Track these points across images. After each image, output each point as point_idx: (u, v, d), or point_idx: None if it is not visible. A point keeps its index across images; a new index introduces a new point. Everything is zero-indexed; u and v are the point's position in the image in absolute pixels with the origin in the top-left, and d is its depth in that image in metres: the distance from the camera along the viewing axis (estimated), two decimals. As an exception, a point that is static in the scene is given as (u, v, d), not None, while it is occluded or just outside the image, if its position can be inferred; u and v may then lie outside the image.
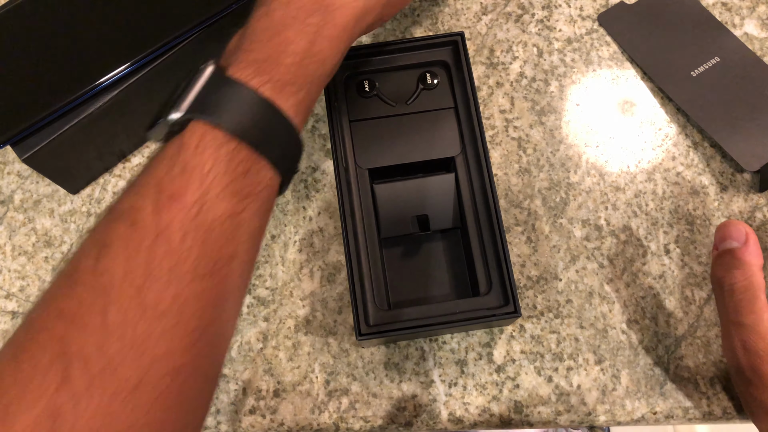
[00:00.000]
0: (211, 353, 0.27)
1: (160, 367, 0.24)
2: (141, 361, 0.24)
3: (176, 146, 0.27)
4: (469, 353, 0.42)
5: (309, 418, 0.41)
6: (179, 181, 0.26)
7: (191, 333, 0.25)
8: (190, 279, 0.25)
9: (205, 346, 0.26)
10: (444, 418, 0.41)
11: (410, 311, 0.37)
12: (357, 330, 0.36)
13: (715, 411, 0.41)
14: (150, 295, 0.24)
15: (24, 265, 0.45)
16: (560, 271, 0.44)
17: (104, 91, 0.41)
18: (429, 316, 0.37)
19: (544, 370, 0.42)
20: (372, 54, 0.42)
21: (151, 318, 0.24)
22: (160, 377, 0.24)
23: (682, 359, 0.42)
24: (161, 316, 0.24)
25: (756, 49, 0.49)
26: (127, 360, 0.23)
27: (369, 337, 0.36)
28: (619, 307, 0.43)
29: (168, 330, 0.24)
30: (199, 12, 0.42)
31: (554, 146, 0.47)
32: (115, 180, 0.47)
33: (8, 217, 0.47)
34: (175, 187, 0.26)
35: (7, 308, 0.44)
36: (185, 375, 0.25)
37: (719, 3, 0.50)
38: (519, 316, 0.37)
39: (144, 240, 0.25)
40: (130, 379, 0.23)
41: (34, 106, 0.40)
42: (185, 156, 0.26)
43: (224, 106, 0.27)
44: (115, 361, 0.23)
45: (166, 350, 0.24)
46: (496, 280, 0.38)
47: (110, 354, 0.23)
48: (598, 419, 0.41)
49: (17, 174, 0.48)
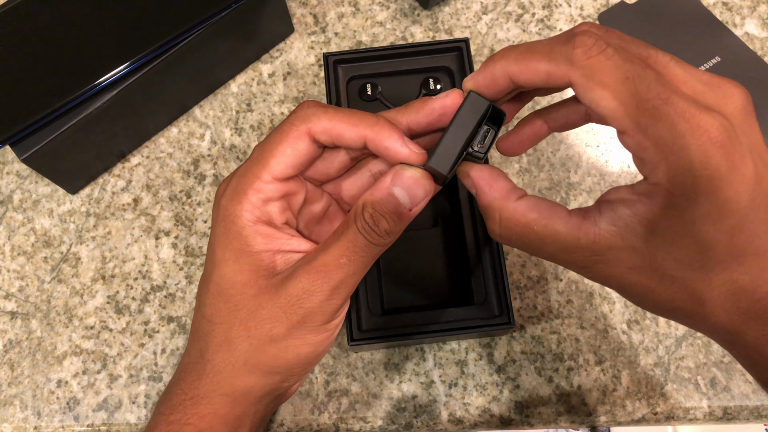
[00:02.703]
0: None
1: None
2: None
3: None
4: (470, 354, 0.42)
5: (309, 419, 0.41)
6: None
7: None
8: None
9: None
10: (444, 419, 0.41)
11: (403, 317, 0.37)
12: (349, 335, 0.36)
13: (716, 412, 0.41)
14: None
15: (23, 265, 0.45)
16: (561, 271, 0.44)
17: (104, 91, 0.41)
18: (422, 324, 0.37)
19: (545, 370, 0.42)
20: (375, 57, 0.42)
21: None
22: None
23: (682, 359, 0.41)
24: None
25: (757, 49, 0.49)
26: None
27: (360, 343, 0.36)
28: (620, 308, 0.43)
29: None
30: (199, 12, 0.42)
31: (555, 146, 0.47)
32: (115, 180, 0.47)
33: (7, 217, 0.46)
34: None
35: (6, 308, 0.44)
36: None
37: (720, 2, 0.50)
38: (513, 327, 0.37)
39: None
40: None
41: (34, 105, 0.40)
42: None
43: None
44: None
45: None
46: (491, 290, 0.38)
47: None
48: (598, 420, 0.41)
49: (16, 174, 0.48)
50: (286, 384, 0.31)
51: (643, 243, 0.25)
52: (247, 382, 0.30)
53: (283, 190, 0.30)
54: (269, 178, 0.29)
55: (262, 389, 0.30)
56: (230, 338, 0.29)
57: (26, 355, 0.43)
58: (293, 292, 0.28)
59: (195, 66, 0.45)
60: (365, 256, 0.28)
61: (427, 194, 0.28)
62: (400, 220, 0.28)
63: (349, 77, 0.42)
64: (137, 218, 0.46)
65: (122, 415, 0.42)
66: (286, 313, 0.28)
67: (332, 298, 0.28)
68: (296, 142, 0.29)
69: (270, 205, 0.29)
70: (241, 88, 0.49)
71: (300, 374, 0.31)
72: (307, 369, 0.31)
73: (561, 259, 0.27)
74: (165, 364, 0.42)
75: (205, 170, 0.47)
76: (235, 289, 0.29)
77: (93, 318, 0.44)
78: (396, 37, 0.50)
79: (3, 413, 0.42)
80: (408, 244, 0.41)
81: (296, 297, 0.28)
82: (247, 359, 0.29)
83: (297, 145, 0.29)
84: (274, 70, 0.50)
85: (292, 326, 0.28)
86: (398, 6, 0.51)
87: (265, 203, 0.29)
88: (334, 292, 0.28)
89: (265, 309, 0.28)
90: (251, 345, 0.29)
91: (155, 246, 0.45)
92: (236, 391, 0.30)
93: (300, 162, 0.29)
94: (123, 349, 0.43)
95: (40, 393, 0.42)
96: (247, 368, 0.29)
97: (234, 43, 0.46)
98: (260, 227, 0.29)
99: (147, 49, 0.41)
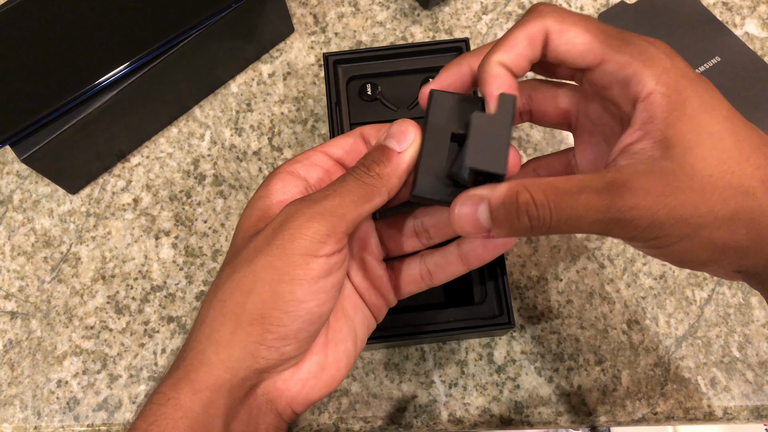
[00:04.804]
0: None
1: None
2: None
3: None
4: (470, 353, 0.42)
5: (309, 419, 0.41)
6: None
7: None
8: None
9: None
10: (444, 419, 0.41)
11: (403, 317, 0.37)
12: None
13: (716, 412, 0.41)
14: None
15: (23, 265, 0.45)
16: (561, 271, 0.44)
17: (104, 91, 0.41)
18: (422, 324, 0.37)
19: (545, 370, 0.42)
20: (375, 57, 0.42)
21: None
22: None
23: (682, 359, 0.41)
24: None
25: (757, 49, 0.49)
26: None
27: None
28: (620, 308, 0.43)
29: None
30: (199, 12, 0.42)
31: (555, 146, 0.47)
32: (114, 180, 0.47)
33: (7, 217, 0.46)
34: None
35: (6, 308, 0.44)
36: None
37: (720, 2, 0.50)
38: (512, 327, 0.37)
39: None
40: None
41: (34, 105, 0.40)
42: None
43: None
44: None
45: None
46: (491, 290, 0.38)
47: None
48: (598, 420, 0.41)
49: (16, 174, 0.48)
50: (264, 351, 0.27)
51: (667, 159, 0.25)
52: (223, 334, 0.27)
53: (327, 162, 0.32)
54: (321, 149, 0.32)
55: (238, 347, 0.27)
56: (218, 281, 0.29)
57: (26, 355, 0.43)
58: (278, 219, 0.28)
59: (195, 66, 0.45)
60: (351, 191, 0.28)
61: (415, 137, 0.29)
62: (389, 160, 0.29)
63: (349, 77, 0.42)
64: (137, 218, 0.46)
65: (122, 415, 0.42)
66: (268, 239, 0.28)
67: (312, 220, 0.27)
68: (349, 134, 0.32)
69: (310, 167, 0.31)
70: (241, 88, 0.49)
71: (277, 332, 0.27)
72: (285, 326, 0.27)
73: (591, 216, 0.25)
74: (165, 364, 0.42)
75: (205, 170, 0.47)
76: (240, 234, 0.30)
77: (93, 318, 0.44)
78: (396, 37, 0.50)
79: (3, 413, 0.42)
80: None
81: (278, 223, 0.28)
82: (226, 299, 0.28)
83: (351, 134, 0.32)
84: (274, 70, 0.50)
85: (272, 254, 0.27)
86: (398, 6, 0.51)
87: (307, 163, 0.31)
88: (316, 215, 0.27)
89: (252, 242, 0.28)
90: (232, 281, 0.28)
91: (155, 246, 0.45)
92: (210, 347, 0.27)
93: (351, 146, 0.32)
94: (123, 349, 0.43)
95: (40, 393, 0.42)
96: (224, 312, 0.28)
97: (234, 43, 0.46)
98: (287, 176, 0.31)
99: (147, 49, 0.41)
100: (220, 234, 0.45)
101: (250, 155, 0.47)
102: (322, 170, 0.31)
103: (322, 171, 0.31)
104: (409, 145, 0.29)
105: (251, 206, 0.31)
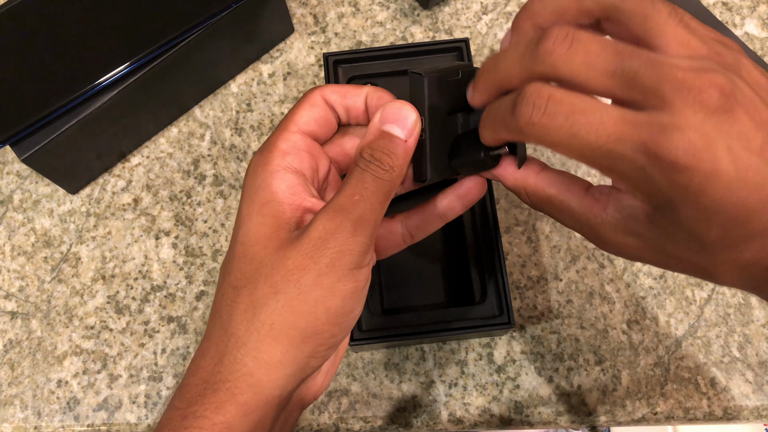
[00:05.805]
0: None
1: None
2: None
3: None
4: (470, 353, 0.42)
5: (309, 419, 0.41)
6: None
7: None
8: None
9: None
10: (444, 419, 0.41)
11: (403, 317, 0.37)
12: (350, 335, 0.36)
13: (716, 411, 0.41)
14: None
15: (23, 265, 0.45)
16: (561, 271, 0.44)
17: (104, 90, 0.41)
18: (422, 324, 0.37)
19: (545, 370, 0.42)
20: (375, 57, 0.42)
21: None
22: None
23: (682, 359, 0.41)
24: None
25: (757, 49, 0.49)
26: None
27: (361, 343, 0.36)
28: (620, 308, 0.43)
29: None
30: (199, 12, 0.42)
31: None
32: (115, 180, 0.47)
33: (7, 217, 0.46)
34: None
35: (6, 308, 0.44)
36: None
37: (720, 2, 0.50)
38: (512, 326, 0.37)
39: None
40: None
41: (34, 105, 0.40)
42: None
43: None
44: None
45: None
46: (491, 289, 0.38)
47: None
48: (598, 420, 0.41)
49: (16, 174, 0.48)
50: (313, 362, 0.29)
51: (646, 230, 0.26)
52: (273, 355, 0.27)
53: (309, 144, 0.31)
54: (296, 129, 0.31)
55: (290, 366, 0.28)
56: (255, 300, 0.28)
57: (26, 355, 0.43)
58: (315, 234, 0.27)
59: (195, 66, 0.45)
60: (376, 191, 0.28)
61: (416, 122, 0.29)
62: (400, 150, 0.29)
63: (349, 77, 0.42)
64: (137, 218, 0.46)
65: (122, 415, 0.42)
66: (312, 257, 0.27)
67: (356, 234, 0.27)
68: (314, 103, 0.31)
69: (298, 155, 0.30)
70: (241, 88, 0.49)
71: (328, 344, 0.29)
72: (336, 337, 0.29)
73: (578, 232, 0.29)
74: (165, 364, 0.42)
75: (205, 170, 0.47)
76: (259, 244, 0.28)
77: (93, 318, 0.44)
78: (396, 37, 0.50)
79: (3, 413, 0.42)
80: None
81: (320, 239, 0.27)
82: (274, 321, 0.27)
83: (316, 102, 0.31)
84: (274, 70, 0.50)
85: (320, 272, 0.27)
86: (398, 6, 0.51)
87: (294, 151, 0.30)
88: (357, 227, 0.27)
89: (290, 259, 0.27)
90: (278, 303, 0.27)
91: (155, 246, 0.45)
92: (260, 369, 0.27)
93: (321, 117, 0.31)
94: (123, 349, 0.43)
95: (40, 393, 0.42)
96: (273, 334, 0.27)
97: (234, 43, 0.46)
98: (287, 175, 0.29)
99: (147, 49, 0.41)
100: (220, 234, 0.45)
101: (251, 155, 0.47)
102: (309, 156, 0.31)
103: (309, 157, 0.31)
104: (414, 131, 0.29)
105: (259, 212, 0.29)
